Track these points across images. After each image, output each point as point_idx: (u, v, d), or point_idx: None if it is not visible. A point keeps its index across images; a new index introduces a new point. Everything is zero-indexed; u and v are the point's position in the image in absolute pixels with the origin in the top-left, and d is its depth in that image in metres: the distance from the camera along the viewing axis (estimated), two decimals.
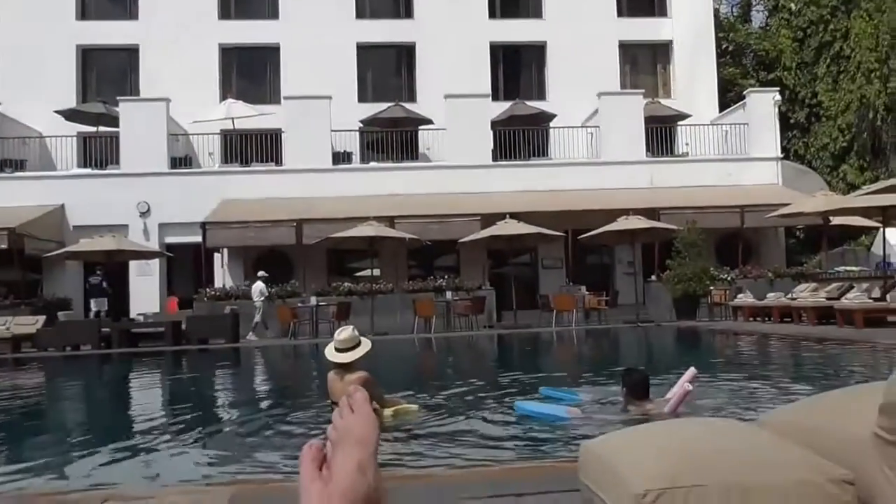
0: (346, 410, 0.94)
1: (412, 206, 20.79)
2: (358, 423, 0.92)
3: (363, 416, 0.92)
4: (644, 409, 5.23)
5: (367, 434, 0.91)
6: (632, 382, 5.37)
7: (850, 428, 2.18)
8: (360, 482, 0.85)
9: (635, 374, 5.47)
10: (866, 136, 24.21)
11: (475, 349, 15.57)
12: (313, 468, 0.90)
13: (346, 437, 0.91)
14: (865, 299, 13.49)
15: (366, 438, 0.90)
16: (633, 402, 5.33)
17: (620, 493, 2.08)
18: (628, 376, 5.47)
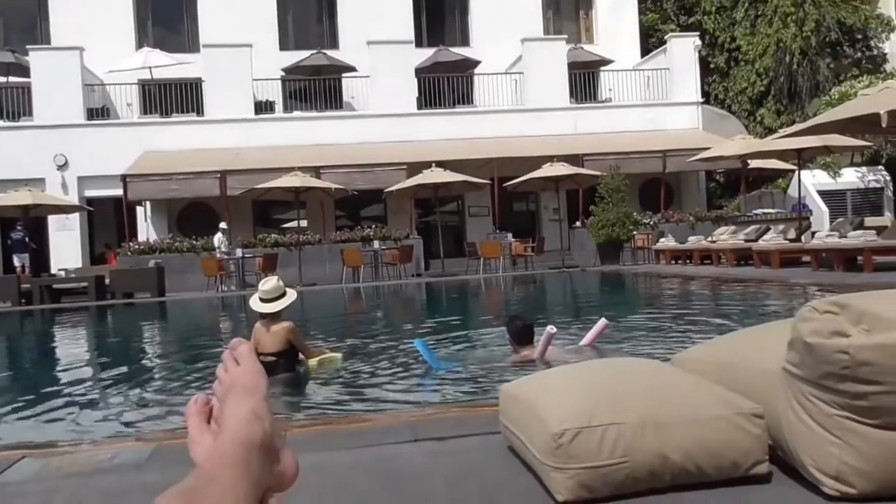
0: (230, 363, 0.89)
1: (337, 155, 20.52)
2: (244, 373, 0.87)
3: (249, 366, 0.88)
4: (522, 354, 5.28)
5: (255, 382, 0.86)
6: (515, 330, 5.42)
7: (760, 364, 2.25)
8: (255, 428, 0.81)
9: (518, 322, 5.50)
10: (783, 80, 24.86)
11: (403, 297, 15.63)
12: (200, 421, 0.85)
13: (234, 388, 0.86)
14: (781, 240, 14.02)
15: (255, 386, 0.86)
16: (517, 349, 5.38)
17: (539, 433, 2.10)
18: (512, 324, 5.51)
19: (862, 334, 1.83)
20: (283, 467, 0.83)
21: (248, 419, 0.81)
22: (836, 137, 14.16)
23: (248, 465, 0.77)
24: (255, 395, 0.85)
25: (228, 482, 0.74)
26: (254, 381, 0.86)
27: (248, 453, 0.78)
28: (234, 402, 0.84)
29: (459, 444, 2.72)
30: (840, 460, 1.88)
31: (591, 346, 5.71)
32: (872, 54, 26.13)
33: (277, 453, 0.83)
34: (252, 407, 0.83)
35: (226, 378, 0.87)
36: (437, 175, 18.27)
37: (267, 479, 0.80)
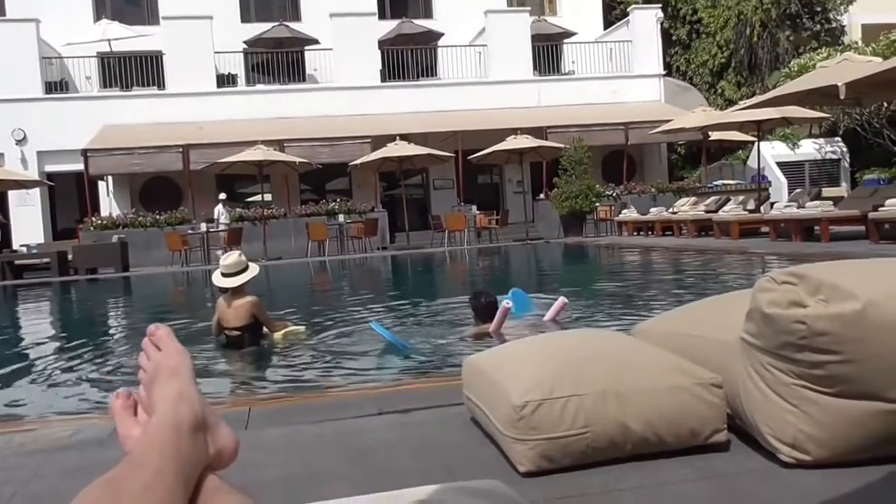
0: (151, 350, 0.87)
1: (301, 129, 20.33)
2: (166, 356, 0.86)
3: (170, 349, 0.87)
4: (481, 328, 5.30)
5: (178, 364, 0.85)
6: (478, 306, 5.45)
7: (719, 334, 2.28)
8: (184, 409, 0.79)
9: (482, 298, 5.52)
10: (743, 53, 25.08)
11: (368, 271, 15.60)
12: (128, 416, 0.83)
13: (158, 373, 0.84)
14: (741, 211, 14.23)
15: (178, 368, 0.85)
16: (480, 325, 5.40)
17: (501, 405, 2.11)
18: (475, 300, 5.53)
19: (819, 304, 1.86)
20: (220, 445, 0.82)
21: (175, 401, 0.80)
22: (795, 109, 14.35)
23: (177, 447, 0.75)
24: (180, 376, 0.83)
25: (157, 466, 0.72)
26: (176, 363, 0.85)
27: (176, 435, 0.76)
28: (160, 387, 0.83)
29: (423, 417, 2.73)
30: (796, 428, 1.92)
31: (552, 321, 5.72)
32: (831, 27, 26.43)
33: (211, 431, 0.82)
34: (178, 388, 0.81)
35: (149, 365, 0.86)
36: (401, 148, 18.18)
37: (201, 458, 0.78)
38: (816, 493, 1.79)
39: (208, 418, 0.82)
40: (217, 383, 4.63)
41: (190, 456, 0.76)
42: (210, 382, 4.54)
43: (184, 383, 0.83)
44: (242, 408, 3.18)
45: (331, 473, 2.19)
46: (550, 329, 5.48)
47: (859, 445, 1.90)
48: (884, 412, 1.86)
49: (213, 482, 0.78)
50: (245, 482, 2.03)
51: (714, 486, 1.90)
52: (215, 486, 0.77)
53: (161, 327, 0.89)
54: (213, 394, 4.18)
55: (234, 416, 2.94)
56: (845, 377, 1.86)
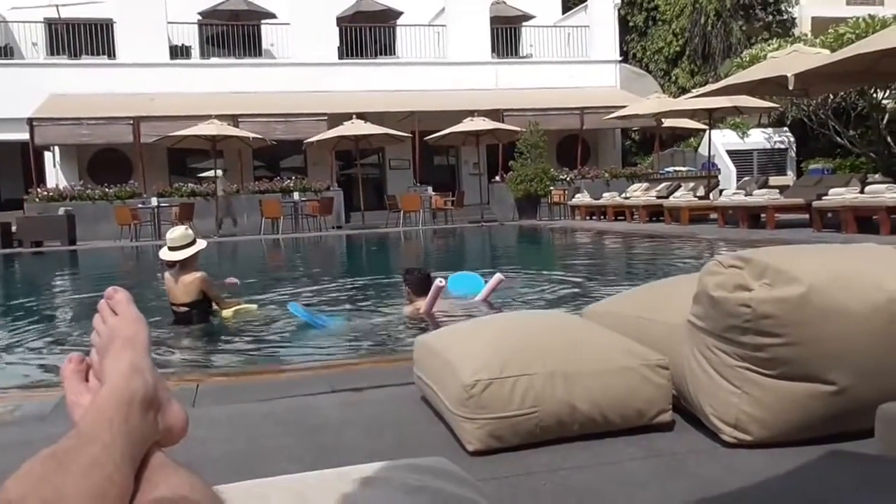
0: (106, 313, 0.84)
1: (256, 104, 19.99)
2: (123, 324, 0.82)
3: (127, 316, 0.83)
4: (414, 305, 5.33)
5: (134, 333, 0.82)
6: (413, 281, 5.44)
7: (667, 316, 2.32)
8: (136, 382, 0.76)
9: (416, 273, 5.54)
10: (697, 42, 25.42)
11: (322, 249, 15.49)
12: (78, 381, 0.80)
13: (112, 340, 0.81)
14: (691, 198, 14.48)
15: (134, 337, 0.81)
16: (412, 300, 5.39)
17: (451, 384, 2.12)
18: (410, 275, 5.53)
19: (764, 288, 1.90)
20: (170, 421, 0.80)
21: (128, 373, 0.77)
22: (746, 99, 14.61)
23: (127, 421, 0.72)
24: (135, 346, 0.80)
25: (106, 440, 0.70)
26: (132, 331, 0.82)
27: (127, 409, 0.73)
28: (113, 356, 0.79)
29: (374, 395, 2.73)
30: (739, 409, 1.96)
31: (484, 301, 5.74)
32: (782, 18, 26.93)
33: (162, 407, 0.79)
34: (131, 360, 0.78)
35: (103, 329, 0.82)
36: (357, 127, 18.04)
37: (150, 434, 0.76)
38: (756, 472, 1.84)
39: (160, 393, 0.79)
40: (164, 359, 4.55)
41: (139, 431, 0.74)
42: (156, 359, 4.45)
43: (138, 355, 0.80)
44: (190, 385, 3.14)
45: (279, 451, 2.17)
46: (483, 309, 5.51)
47: (799, 426, 1.95)
48: (823, 394, 1.92)
49: (159, 458, 0.76)
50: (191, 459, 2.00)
51: (658, 465, 1.93)
52: (161, 462, 0.75)
53: (120, 291, 0.85)
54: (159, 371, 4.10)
55: (182, 393, 2.89)
56: (787, 360, 1.91)
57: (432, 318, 5.18)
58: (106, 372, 0.78)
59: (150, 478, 0.73)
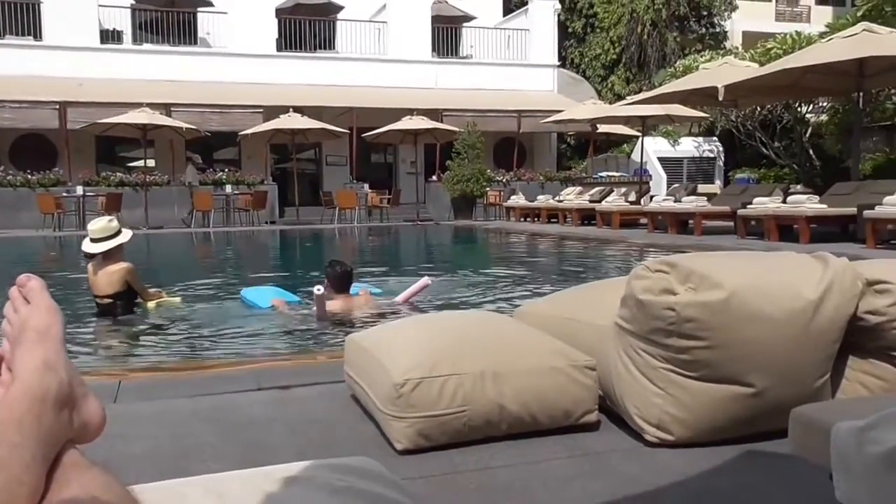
0: (18, 302, 0.79)
1: (190, 93, 19.51)
2: (35, 314, 0.77)
3: (41, 306, 0.78)
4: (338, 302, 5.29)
5: (47, 324, 0.77)
6: (334, 275, 5.35)
7: (595, 318, 2.36)
8: (49, 379, 0.72)
9: (338, 268, 5.42)
10: (634, 50, 25.96)
11: (253, 244, 15.24)
12: None
13: (24, 332, 0.76)
14: (623, 203, 14.77)
15: (47, 330, 0.76)
16: (333, 295, 5.30)
17: (382, 383, 2.11)
18: (331, 269, 5.42)
19: (688, 293, 1.95)
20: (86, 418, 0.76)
21: (40, 370, 0.72)
22: (678, 107, 15.00)
23: (39, 420, 0.69)
24: (48, 339, 0.76)
25: (15, 441, 0.67)
26: (46, 323, 0.77)
27: (39, 408, 0.70)
28: (24, 349, 0.75)
29: (303, 393, 2.70)
30: (662, 410, 2.01)
31: (405, 302, 5.70)
32: (715, 31, 27.76)
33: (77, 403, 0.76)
34: (44, 355, 0.74)
35: (14, 319, 0.78)
36: (294, 121, 17.81)
37: (64, 432, 0.72)
38: (676, 471, 1.89)
39: (76, 390, 0.76)
40: (84, 353, 4.40)
41: (52, 431, 0.70)
42: (76, 352, 4.30)
43: (52, 349, 0.75)
44: (111, 380, 3.04)
45: (203, 448, 2.13)
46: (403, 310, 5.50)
47: (718, 427, 2.02)
48: (741, 395, 1.98)
49: (72, 456, 0.73)
50: (111, 457, 1.95)
51: (582, 464, 1.97)
52: (74, 461, 0.72)
53: (33, 278, 0.80)
54: (79, 365, 3.98)
55: (103, 388, 2.81)
56: (709, 362, 1.96)
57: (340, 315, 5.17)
58: (17, 366, 0.73)
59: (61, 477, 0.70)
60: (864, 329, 2.05)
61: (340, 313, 5.20)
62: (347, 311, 5.26)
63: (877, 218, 8.44)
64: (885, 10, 12.49)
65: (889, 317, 2.00)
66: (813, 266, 2.08)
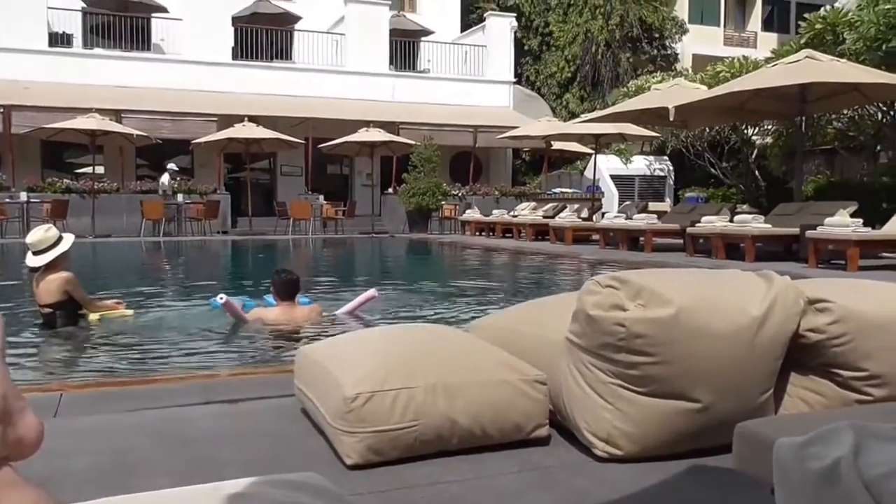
0: None
1: (142, 100, 19.19)
2: None
3: None
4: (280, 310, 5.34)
5: None
6: (279, 282, 5.40)
7: (547, 333, 2.38)
8: None
9: (283, 276, 5.47)
10: (588, 69, 26.38)
11: (204, 254, 15.01)
12: None
13: None
14: (575, 219, 14.95)
15: None
16: (280, 303, 5.37)
17: (332, 397, 2.09)
18: (278, 276, 5.48)
19: (638, 309, 1.98)
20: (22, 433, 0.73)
21: None
22: (630, 126, 15.27)
23: None
24: None
25: None
26: None
27: None
28: None
29: (252, 407, 2.66)
30: (611, 424, 2.03)
31: (350, 314, 5.74)
32: (666, 53, 28.37)
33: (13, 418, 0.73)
34: None
35: None
36: (249, 130, 17.64)
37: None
38: (624, 485, 1.91)
39: (11, 404, 0.72)
40: (23, 365, 4.26)
41: None
42: (15, 364, 4.17)
43: None
44: (52, 393, 2.96)
45: (148, 464, 2.08)
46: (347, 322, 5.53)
47: (665, 441, 2.04)
48: (688, 410, 2.01)
49: (6, 475, 0.70)
50: (50, 473, 1.89)
51: (532, 478, 1.97)
52: (8, 480, 0.69)
53: None
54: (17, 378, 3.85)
55: (43, 402, 2.73)
56: (657, 377, 1.99)
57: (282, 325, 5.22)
58: None
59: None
60: (805, 346, 2.10)
61: (283, 322, 5.22)
62: (290, 320, 5.27)
63: (818, 238, 8.69)
64: (827, 39, 12.91)
65: (829, 335, 2.05)
66: (758, 284, 2.13)
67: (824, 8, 14.12)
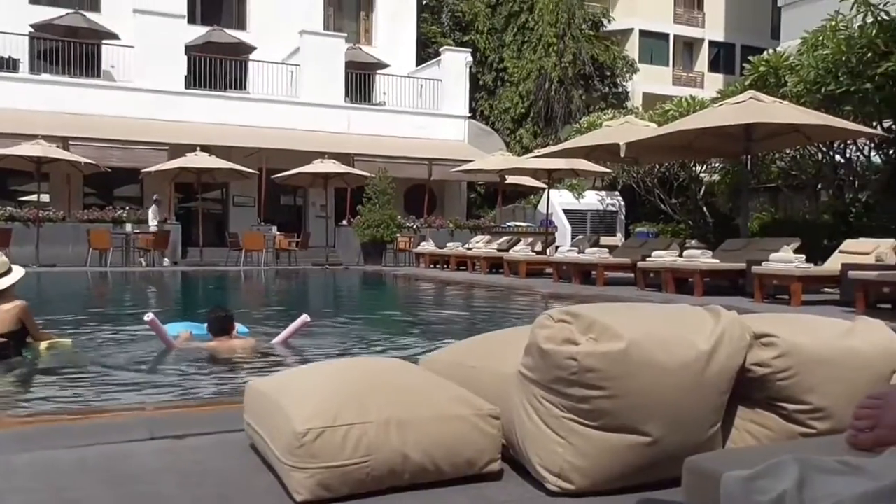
0: None
1: (91, 127, 18.90)
2: None
3: None
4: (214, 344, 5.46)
5: None
6: (210, 319, 5.61)
7: (500, 366, 2.38)
8: None
9: (214, 314, 5.66)
10: (541, 105, 26.86)
11: (152, 285, 14.70)
12: None
13: None
14: (529, 252, 15.08)
15: None
16: (215, 338, 5.52)
17: (282, 432, 2.06)
18: (212, 313, 5.68)
19: (589, 342, 1.99)
20: None
21: None
22: (582, 162, 15.52)
23: None
24: None
25: None
26: None
27: None
28: None
29: (199, 442, 2.59)
30: (563, 459, 2.03)
31: (283, 343, 5.79)
32: (618, 91, 29.06)
33: None
34: None
35: None
36: (201, 160, 17.47)
37: None
38: None
39: None
40: None
41: None
42: None
43: None
44: None
45: (88, 502, 2.01)
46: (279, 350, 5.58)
47: (616, 475, 2.05)
48: (639, 444, 2.03)
49: None
50: None
51: None
52: None
53: None
54: None
55: None
56: (608, 411, 2.00)
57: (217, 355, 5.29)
58: None
59: None
60: (752, 380, 2.14)
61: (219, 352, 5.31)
62: (224, 351, 5.35)
63: (763, 273, 8.91)
64: (770, 81, 13.37)
65: (774, 368, 2.10)
66: (705, 318, 2.16)
67: (767, 52, 14.64)
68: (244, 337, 5.77)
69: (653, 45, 36.23)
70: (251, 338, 5.82)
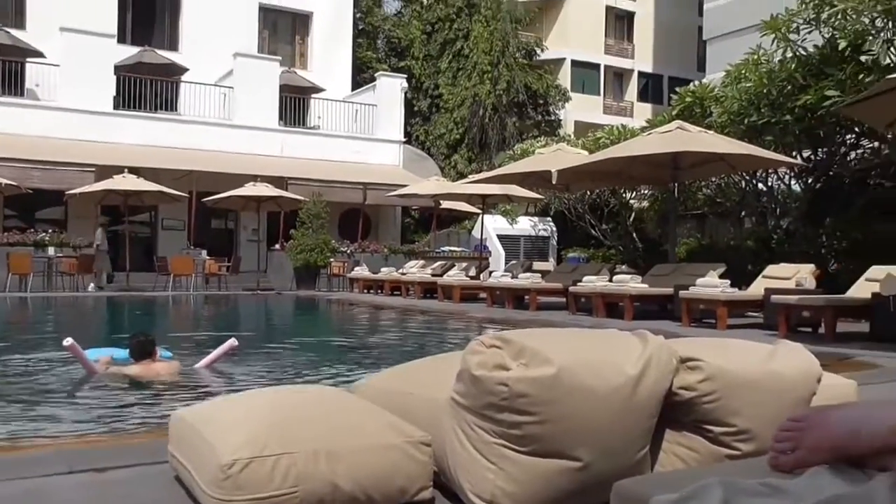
0: None
1: (12, 147, 18.24)
2: None
3: None
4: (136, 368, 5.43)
5: None
6: (131, 344, 5.60)
7: (432, 392, 2.36)
8: None
9: (136, 338, 5.65)
10: (476, 131, 27.16)
11: (76, 311, 14.19)
12: None
13: None
14: (463, 277, 15.14)
15: None
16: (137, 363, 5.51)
17: (208, 463, 2.00)
18: (134, 338, 5.67)
19: (520, 368, 2.00)
20: None
21: None
22: (516, 188, 15.73)
23: None
24: None
25: None
26: None
27: None
28: None
29: (121, 476, 2.49)
30: (494, 485, 2.02)
31: (207, 367, 5.77)
32: (550, 119, 29.63)
33: None
34: None
35: None
36: (129, 182, 17.03)
37: None
38: None
39: None
40: None
41: None
42: None
43: None
44: None
45: None
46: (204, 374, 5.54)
47: (547, 500, 2.05)
48: (569, 470, 2.04)
49: None
50: None
51: None
52: None
53: None
54: None
55: None
56: (539, 437, 2.01)
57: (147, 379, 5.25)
58: None
59: None
60: (678, 403, 2.18)
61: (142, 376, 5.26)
62: (147, 375, 5.30)
63: (690, 298, 9.14)
64: (696, 111, 13.84)
65: (699, 392, 2.14)
66: (633, 343, 2.20)
67: (693, 83, 15.16)
68: (167, 360, 5.66)
69: (584, 74, 37.12)
70: (174, 361, 5.70)
